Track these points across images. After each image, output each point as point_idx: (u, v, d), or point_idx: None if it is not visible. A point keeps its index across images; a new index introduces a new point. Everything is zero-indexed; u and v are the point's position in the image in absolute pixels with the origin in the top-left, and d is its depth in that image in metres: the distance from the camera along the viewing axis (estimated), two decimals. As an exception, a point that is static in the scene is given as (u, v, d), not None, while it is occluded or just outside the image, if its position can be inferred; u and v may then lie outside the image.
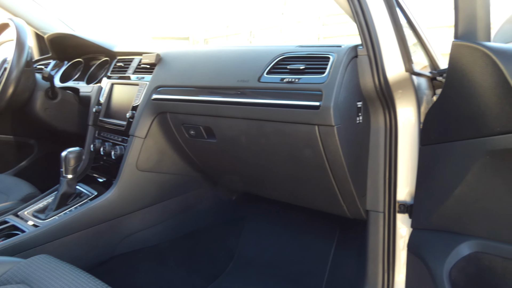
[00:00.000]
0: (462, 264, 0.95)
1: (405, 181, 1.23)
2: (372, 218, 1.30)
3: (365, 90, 1.19)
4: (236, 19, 9.95)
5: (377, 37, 1.12)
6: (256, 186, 1.62)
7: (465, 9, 0.93)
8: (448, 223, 1.02)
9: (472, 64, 0.90)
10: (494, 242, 0.92)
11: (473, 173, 0.92)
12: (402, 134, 1.22)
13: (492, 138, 0.85)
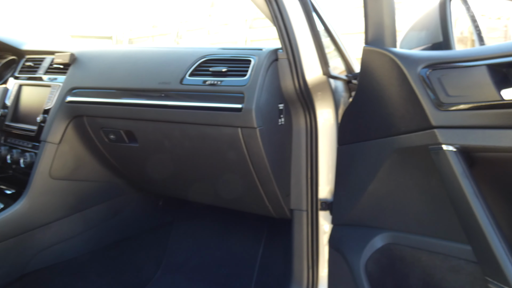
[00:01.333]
0: (377, 256, 1.02)
1: (326, 179, 1.28)
2: (296, 217, 1.33)
3: (286, 93, 1.22)
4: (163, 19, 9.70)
5: (296, 41, 1.16)
6: (182, 190, 1.58)
7: (373, 17, 1.00)
8: (364, 218, 1.09)
9: (380, 68, 0.96)
10: (403, 233, 0.99)
11: (384, 170, 0.98)
12: (322, 134, 1.27)
13: (399, 137, 0.91)
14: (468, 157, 0.77)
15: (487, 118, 0.72)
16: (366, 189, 1.04)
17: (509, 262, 0.66)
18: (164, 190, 1.70)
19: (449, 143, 0.78)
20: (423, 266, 0.93)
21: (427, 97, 0.82)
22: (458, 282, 0.86)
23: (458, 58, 0.81)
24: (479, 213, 0.70)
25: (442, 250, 0.90)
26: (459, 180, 0.74)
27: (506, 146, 0.69)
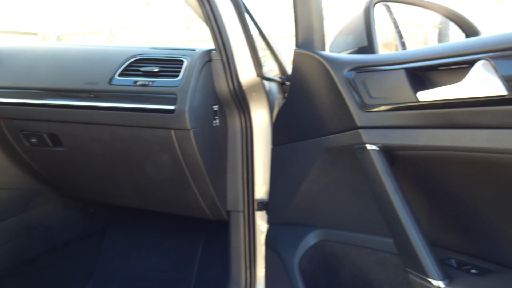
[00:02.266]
0: (310, 253, 1.05)
1: (263, 180, 1.30)
2: (233, 218, 1.33)
3: (220, 94, 1.22)
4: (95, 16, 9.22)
5: (229, 42, 1.16)
6: (114, 195, 1.51)
7: (303, 21, 1.02)
8: (298, 217, 1.11)
9: (310, 70, 0.99)
10: (334, 230, 1.03)
11: (315, 170, 1.01)
12: (257, 135, 1.29)
13: (328, 137, 0.95)
14: (389, 155, 0.82)
15: (405, 119, 0.77)
16: (299, 188, 1.06)
17: (426, 254, 0.71)
18: (94, 196, 1.61)
19: (372, 143, 0.82)
20: (352, 261, 0.97)
21: (353, 98, 0.86)
22: (383, 273, 0.91)
23: (379, 62, 0.86)
24: (399, 208, 0.75)
25: (369, 244, 0.94)
26: (381, 177, 0.78)
27: (422, 145, 0.74)
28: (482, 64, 0.65)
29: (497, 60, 0.63)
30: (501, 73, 0.61)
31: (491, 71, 0.63)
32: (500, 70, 0.62)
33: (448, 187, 0.80)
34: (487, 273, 0.71)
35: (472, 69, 0.66)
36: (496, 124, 0.63)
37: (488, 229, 0.75)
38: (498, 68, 0.62)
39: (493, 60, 0.63)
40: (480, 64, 0.65)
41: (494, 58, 0.63)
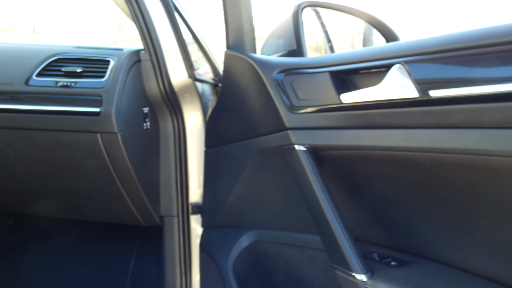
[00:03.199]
0: (244, 254, 1.05)
1: (198, 183, 1.28)
2: (167, 223, 1.30)
3: (151, 96, 1.18)
4: (15, 11, 8.51)
5: (159, 42, 1.13)
6: (35, 206, 1.40)
7: (233, 23, 1.02)
8: (231, 219, 1.11)
9: (241, 72, 0.99)
10: (267, 230, 1.04)
11: (247, 171, 1.01)
12: (190, 138, 1.26)
13: (259, 138, 0.96)
14: (317, 155, 0.84)
15: (330, 120, 0.80)
16: (232, 190, 1.06)
17: (350, 250, 0.74)
18: (12, 207, 1.48)
19: (300, 143, 0.84)
20: (284, 260, 0.99)
21: (281, 100, 0.88)
22: (314, 270, 0.93)
23: (306, 65, 0.88)
24: (325, 206, 0.78)
25: (300, 243, 0.97)
26: (308, 176, 0.80)
27: (346, 144, 0.77)
28: (398, 68, 0.69)
29: (410, 64, 0.67)
30: (413, 76, 0.66)
31: (405, 74, 0.68)
32: (413, 73, 0.66)
33: (370, 185, 0.84)
34: (405, 264, 0.76)
35: (388, 72, 0.70)
36: (410, 124, 0.67)
37: (406, 223, 0.81)
38: (411, 72, 0.66)
39: (407, 64, 0.67)
40: (396, 68, 0.69)
41: (407, 62, 0.67)
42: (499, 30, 0.57)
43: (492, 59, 0.57)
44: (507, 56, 0.55)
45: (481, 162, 0.60)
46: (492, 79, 0.56)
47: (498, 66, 0.56)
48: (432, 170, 0.70)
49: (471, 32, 0.61)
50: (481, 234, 0.68)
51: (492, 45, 0.57)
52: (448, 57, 0.62)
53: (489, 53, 0.57)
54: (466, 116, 0.59)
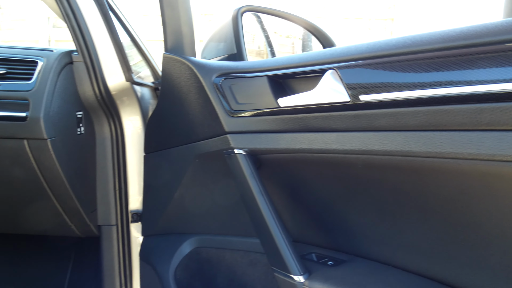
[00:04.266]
0: (185, 262, 1.02)
1: (138, 189, 1.23)
2: (105, 233, 1.24)
3: (85, 99, 1.12)
4: None
5: (93, 43, 1.08)
6: None
7: (171, 25, 1.00)
8: (173, 226, 1.08)
9: (180, 75, 0.97)
10: (209, 235, 1.03)
11: (188, 176, 1.00)
12: (129, 143, 1.22)
13: (199, 143, 0.94)
14: (256, 159, 0.85)
15: (268, 123, 0.81)
16: (173, 196, 1.04)
17: (288, 252, 0.76)
18: None
19: (239, 147, 0.84)
20: (227, 264, 0.98)
21: (220, 104, 0.87)
22: (256, 274, 0.94)
23: (245, 69, 0.88)
24: (263, 210, 0.78)
25: (242, 247, 0.96)
26: (248, 180, 0.80)
27: (283, 148, 0.78)
28: (331, 73, 0.71)
29: (342, 70, 0.69)
30: (345, 81, 0.68)
31: (338, 79, 0.70)
32: (344, 79, 0.69)
33: (308, 187, 0.86)
34: (341, 263, 0.78)
35: (322, 77, 0.73)
36: (343, 128, 0.70)
37: (341, 223, 0.83)
38: (343, 77, 0.69)
39: (339, 70, 0.70)
40: (329, 73, 0.72)
41: (339, 68, 0.70)
42: (421, 38, 0.61)
43: (415, 65, 0.60)
44: (429, 63, 0.59)
45: (406, 163, 0.64)
46: (415, 84, 0.60)
47: (420, 72, 0.60)
48: (364, 172, 0.73)
49: (397, 40, 0.65)
50: (409, 231, 0.72)
51: (415, 53, 0.61)
52: (376, 63, 0.65)
53: (413, 60, 0.61)
54: (393, 120, 0.63)
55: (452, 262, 0.67)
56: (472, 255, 0.64)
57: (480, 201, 0.59)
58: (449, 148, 0.57)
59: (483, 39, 0.54)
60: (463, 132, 0.55)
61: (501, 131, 0.52)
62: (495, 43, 0.53)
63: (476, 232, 0.62)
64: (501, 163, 0.53)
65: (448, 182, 0.62)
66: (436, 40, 0.59)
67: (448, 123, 0.57)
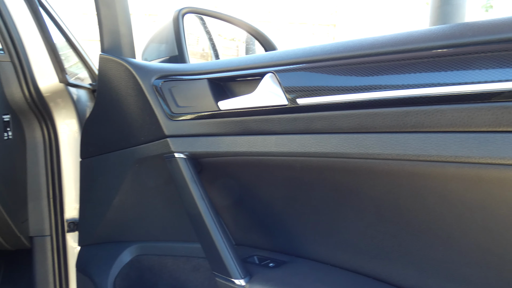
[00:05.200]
0: (126, 271, 0.99)
1: (75, 197, 1.17)
2: (38, 245, 1.16)
3: (13, 102, 1.05)
4: None
5: (21, 42, 1.01)
6: None
7: (108, 25, 0.96)
8: (112, 233, 1.04)
9: (117, 77, 0.94)
10: (151, 242, 1.00)
11: (127, 182, 0.96)
12: (65, 148, 1.15)
13: (139, 147, 0.91)
14: (197, 163, 0.84)
15: (209, 127, 0.80)
16: (112, 203, 0.99)
17: (229, 256, 0.75)
18: None
19: (180, 151, 0.82)
20: (169, 271, 0.96)
21: (160, 107, 0.85)
22: (199, 279, 0.92)
23: (185, 71, 0.87)
24: (204, 214, 0.77)
25: (184, 253, 0.95)
26: (188, 185, 0.79)
27: (224, 151, 0.78)
28: (270, 76, 0.72)
29: (280, 73, 0.71)
30: (283, 85, 0.69)
31: (276, 83, 0.71)
32: (283, 82, 0.70)
33: (249, 189, 0.86)
34: (282, 264, 0.80)
35: (261, 81, 0.73)
36: (281, 130, 0.71)
37: (282, 224, 0.85)
38: (281, 80, 0.70)
39: (277, 74, 0.71)
40: (268, 76, 0.72)
41: (278, 71, 0.71)
42: (353, 44, 0.64)
43: (348, 70, 0.63)
44: (360, 68, 0.62)
45: (341, 164, 0.66)
46: (348, 88, 0.62)
47: (353, 76, 0.62)
48: (302, 173, 0.74)
49: (331, 45, 0.67)
50: (345, 230, 0.74)
51: (347, 58, 0.63)
52: (312, 68, 0.67)
53: (346, 65, 0.63)
54: (328, 122, 0.65)
55: (384, 258, 0.70)
56: (401, 251, 0.67)
57: (408, 199, 0.63)
58: (379, 150, 0.59)
59: (409, 45, 0.58)
60: (391, 134, 0.58)
61: (425, 133, 0.56)
62: (420, 49, 0.56)
63: (405, 228, 0.66)
64: (425, 163, 0.56)
65: (379, 182, 0.65)
66: (367, 46, 0.62)
67: (378, 125, 0.59)
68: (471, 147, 0.52)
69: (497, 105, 0.50)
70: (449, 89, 0.53)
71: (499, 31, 0.50)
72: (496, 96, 0.50)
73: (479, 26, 0.53)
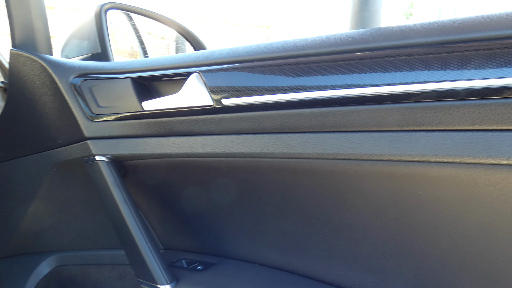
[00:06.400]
0: (44, 283, 0.92)
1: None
2: None
3: None
4: None
5: None
6: None
7: (20, 18, 0.89)
8: (28, 244, 0.96)
9: (31, 75, 0.87)
10: (73, 252, 0.94)
11: (44, 188, 0.89)
12: None
13: (56, 150, 0.85)
14: (120, 166, 0.80)
15: (133, 128, 0.77)
16: (27, 211, 0.92)
17: (154, 261, 0.73)
18: None
19: (101, 154, 0.78)
20: (93, 281, 0.91)
21: (79, 107, 0.80)
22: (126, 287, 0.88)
23: (108, 70, 0.83)
24: (128, 220, 0.74)
25: (110, 260, 0.90)
26: (111, 189, 0.75)
27: (149, 153, 0.75)
28: (195, 76, 0.71)
29: (206, 73, 0.70)
30: (208, 85, 0.69)
31: (202, 83, 0.70)
32: (208, 82, 0.69)
33: (175, 192, 0.85)
34: (210, 266, 0.79)
35: (187, 81, 0.72)
36: (207, 131, 0.70)
37: (210, 226, 0.84)
38: (207, 80, 0.69)
39: (203, 74, 0.70)
40: (193, 76, 0.71)
41: (203, 71, 0.70)
42: (276, 45, 0.65)
43: (271, 71, 0.64)
44: (282, 69, 0.63)
45: (266, 164, 0.67)
46: (272, 88, 0.63)
47: (276, 77, 0.63)
48: (228, 174, 0.74)
49: (256, 46, 0.68)
50: (271, 229, 0.76)
51: (270, 59, 0.64)
52: (237, 68, 0.67)
53: (269, 66, 0.64)
54: (253, 123, 0.65)
55: (309, 255, 0.72)
56: (324, 246, 0.70)
57: (328, 197, 0.66)
58: (301, 149, 0.61)
59: (327, 48, 0.60)
60: (312, 134, 0.60)
61: (342, 132, 0.58)
62: (337, 52, 0.59)
63: (326, 225, 0.68)
64: (343, 161, 0.59)
65: (301, 181, 0.67)
66: (290, 48, 0.63)
67: (300, 125, 0.61)
68: (383, 145, 0.55)
69: (405, 106, 0.53)
70: (363, 90, 0.56)
71: (410, 36, 0.54)
72: (404, 97, 0.53)
73: (391, 31, 0.56)
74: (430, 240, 0.59)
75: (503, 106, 0.47)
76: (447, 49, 0.51)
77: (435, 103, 0.51)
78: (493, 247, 0.54)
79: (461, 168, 0.51)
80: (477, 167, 0.50)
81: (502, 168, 0.49)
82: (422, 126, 0.53)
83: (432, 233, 0.58)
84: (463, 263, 0.57)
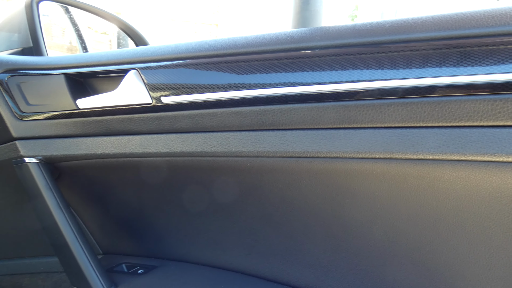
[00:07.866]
0: None
1: None
2: None
3: None
4: None
5: None
6: None
7: None
8: None
9: None
10: (1, 261, 0.87)
11: None
12: None
13: None
14: (53, 167, 0.75)
15: (66, 127, 0.73)
16: None
17: (91, 267, 0.70)
18: None
19: (31, 155, 0.73)
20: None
21: (6, 105, 0.75)
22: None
23: (39, 65, 0.78)
24: (62, 225, 0.70)
25: (43, 268, 0.85)
26: (42, 193, 0.71)
27: (84, 154, 0.72)
28: (133, 73, 0.69)
29: (144, 70, 0.67)
30: (147, 82, 0.67)
31: (140, 80, 0.68)
32: (147, 79, 0.67)
33: (114, 194, 0.81)
34: (151, 269, 0.77)
35: (124, 78, 0.69)
36: (146, 130, 0.68)
37: (151, 228, 0.82)
38: (145, 78, 0.67)
39: (141, 71, 0.67)
40: (132, 73, 0.69)
41: (142, 68, 0.68)
42: (216, 43, 0.64)
43: (212, 68, 0.63)
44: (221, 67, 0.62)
45: (207, 163, 0.66)
46: (211, 86, 0.62)
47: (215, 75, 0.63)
48: (169, 174, 0.72)
49: (196, 44, 0.66)
50: (212, 229, 0.75)
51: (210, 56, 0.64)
52: (176, 65, 0.65)
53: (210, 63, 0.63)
54: (192, 121, 0.64)
55: (250, 253, 0.72)
56: (265, 244, 0.70)
57: (269, 194, 0.66)
58: (241, 147, 0.61)
59: (266, 47, 0.60)
60: (252, 132, 0.60)
61: (281, 130, 0.59)
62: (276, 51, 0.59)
63: (267, 222, 0.69)
64: (282, 158, 0.59)
65: (242, 179, 0.67)
66: (230, 45, 0.63)
67: (240, 124, 0.61)
68: (320, 143, 0.56)
69: (340, 104, 0.55)
70: (300, 89, 0.57)
71: (344, 36, 0.55)
72: (339, 96, 0.55)
73: (327, 31, 0.58)
74: (365, 234, 0.61)
75: (427, 104, 0.50)
76: (379, 49, 0.53)
77: (368, 102, 0.53)
78: (421, 237, 0.57)
79: (392, 163, 0.54)
80: (405, 162, 0.53)
81: (428, 163, 0.51)
82: (356, 124, 0.54)
83: (366, 227, 0.60)
84: (395, 253, 0.60)
